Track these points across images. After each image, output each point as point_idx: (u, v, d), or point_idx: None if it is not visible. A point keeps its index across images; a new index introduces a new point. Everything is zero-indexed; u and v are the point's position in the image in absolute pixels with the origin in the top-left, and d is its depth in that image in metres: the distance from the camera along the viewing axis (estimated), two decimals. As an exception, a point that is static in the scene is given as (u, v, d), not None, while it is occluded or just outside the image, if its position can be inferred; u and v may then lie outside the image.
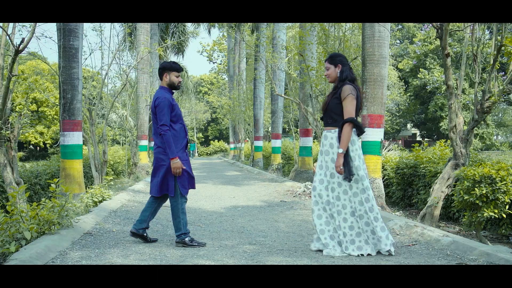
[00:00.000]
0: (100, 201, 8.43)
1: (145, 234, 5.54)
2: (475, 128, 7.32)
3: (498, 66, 7.16)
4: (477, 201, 5.86)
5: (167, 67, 5.49)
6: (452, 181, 7.15)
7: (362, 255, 4.82)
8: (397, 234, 5.90)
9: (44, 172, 11.57)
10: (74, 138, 9.19)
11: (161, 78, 5.55)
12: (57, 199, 5.71)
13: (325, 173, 5.01)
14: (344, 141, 4.78)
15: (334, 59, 5.10)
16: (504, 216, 5.94)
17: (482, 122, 26.37)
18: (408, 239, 5.60)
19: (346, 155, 4.82)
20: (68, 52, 9.14)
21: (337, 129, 4.91)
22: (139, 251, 5.03)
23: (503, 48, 6.82)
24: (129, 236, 5.79)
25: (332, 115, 4.95)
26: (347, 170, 4.79)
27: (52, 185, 5.74)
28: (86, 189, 9.49)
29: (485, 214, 5.81)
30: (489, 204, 5.84)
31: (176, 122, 5.36)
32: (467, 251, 4.66)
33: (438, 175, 7.95)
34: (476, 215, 5.98)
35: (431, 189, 7.39)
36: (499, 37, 6.97)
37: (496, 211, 5.81)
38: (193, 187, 5.51)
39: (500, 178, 5.78)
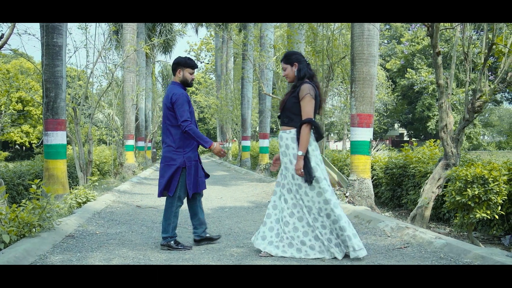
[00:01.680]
0: (84, 202, 8.23)
1: (207, 235, 5.50)
2: (465, 127, 7.23)
3: (490, 64, 7.06)
4: (469, 202, 5.74)
5: (181, 63, 5.30)
6: (442, 181, 7.05)
7: (347, 256, 4.68)
8: (388, 236, 5.76)
9: (28, 173, 11.32)
10: (58, 137, 8.98)
11: (174, 74, 5.36)
12: (39, 200, 5.52)
13: (285, 175, 4.89)
14: (304, 143, 4.64)
15: (290, 58, 4.93)
16: (497, 217, 5.84)
17: (469, 122, 26.50)
18: (400, 241, 5.46)
19: (305, 157, 4.68)
20: (52, 50, 8.92)
21: (292, 129, 4.76)
22: (123, 255, 4.85)
23: (494, 46, 6.73)
24: (112, 239, 5.62)
25: (289, 114, 4.80)
26: (307, 172, 4.65)
27: (33, 186, 5.54)
28: (70, 189, 9.28)
29: (477, 215, 5.70)
30: (482, 205, 5.73)
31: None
32: (461, 254, 4.53)
33: (428, 175, 7.85)
34: (468, 216, 5.87)
35: (422, 190, 7.28)
36: (490, 36, 6.88)
37: (488, 212, 5.70)
38: (203, 188, 5.43)
39: (492, 179, 5.67)
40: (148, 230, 6.30)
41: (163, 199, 9.68)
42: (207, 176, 5.53)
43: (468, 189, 5.73)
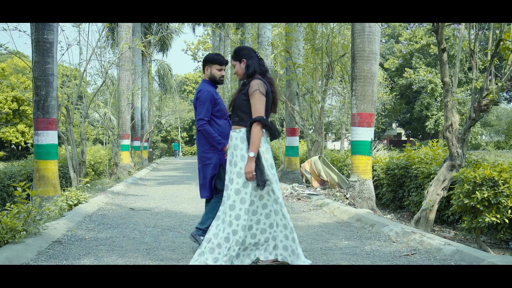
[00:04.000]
0: (76, 204, 7.93)
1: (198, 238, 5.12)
2: (472, 127, 6.96)
3: (496, 62, 6.79)
4: (478, 206, 5.47)
5: (208, 60, 5.06)
6: (448, 183, 6.78)
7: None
8: (394, 242, 5.45)
9: (19, 173, 10.99)
10: (49, 137, 8.68)
11: (203, 71, 5.16)
12: (24, 204, 5.22)
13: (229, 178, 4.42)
14: (255, 143, 4.17)
15: (237, 54, 4.55)
16: (507, 221, 5.55)
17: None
18: (406, 248, 5.16)
19: (257, 159, 4.21)
20: (42, 46, 8.61)
21: (242, 129, 4.33)
22: (111, 263, 4.54)
23: (501, 43, 6.45)
24: (102, 245, 5.32)
25: (239, 113, 4.36)
26: (259, 175, 4.16)
27: (18, 188, 5.24)
28: (62, 191, 8.97)
29: (487, 219, 5.42)
30: (491, 209, 5.46)
31: (220, 117, 4.96)
32: (473, 263, 4.23)
33: (431, 176, 7.60)
34: (477, 220, 5.59)
35: (426, 192, 7.01)
36: (497, 31, 6.61)
37: (498, 216, 5.42)
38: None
39: (503, 181, 5.39)
40: (141, 234, 5.99)
41: (157, 201, 9.48)
42: None
43: (477, 192, 5.46)
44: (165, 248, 5.20)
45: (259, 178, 4.15)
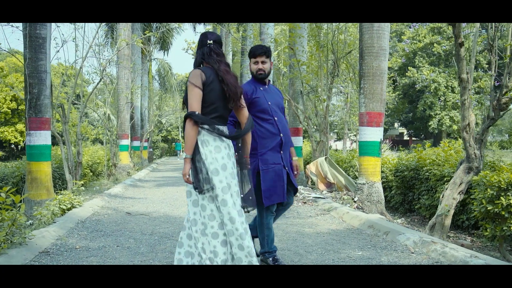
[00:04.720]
0: (69, 209, 7.50)
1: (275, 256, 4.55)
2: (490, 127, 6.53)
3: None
4: (503, 212, 5.03)
5: (248, 54, 4.52)
6: (465, 186, 6.35)
7: None
8: (412, 253, 4.99)
9: (12, 175, 10.57)
10: (42, 137, 8.24)
11: None
12: (13, 210, 4.79)
13: None
14: (188, 142, 3.64)
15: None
16: (534, 229, 5.12)
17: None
18: (427, 260, 4.69)
19: (195, 160, 3.67)
20: (35, 42, 8.18)
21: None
22: (102, 278, 4.12)
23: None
24: (93, 256, 4.88)
25: (186, 109, 3.78)
26: (196, 178, 3.63)
27: (1, 194, 4.80)
28: (56, 194, 8.52)
29: (512, 228, 4.99)
30: (517, 216, 5.02)
31: (264, 119, 4.40)
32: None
33: (444, 179, 7.18)
34: (501, 228, 5.15)
35: (441, 196, 6.58)
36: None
37: (525, 224, 4.99)
38: (278, 200, 4.38)
39: (531, 185, 4.96)
40: (136, 243, 5.55)
41: (156, 204, 9.06)
42: (295, 191, 4.62)
43: (501, 197, 5.02)
44: (162, 260, 4.76)
45: (196, 181, 3.64)
